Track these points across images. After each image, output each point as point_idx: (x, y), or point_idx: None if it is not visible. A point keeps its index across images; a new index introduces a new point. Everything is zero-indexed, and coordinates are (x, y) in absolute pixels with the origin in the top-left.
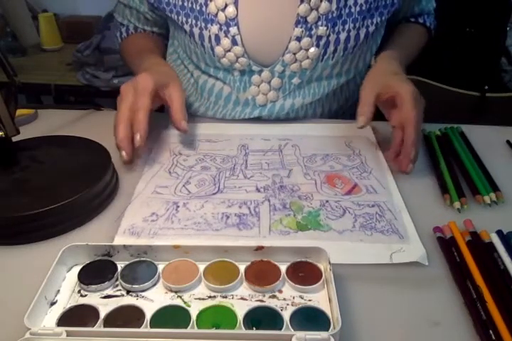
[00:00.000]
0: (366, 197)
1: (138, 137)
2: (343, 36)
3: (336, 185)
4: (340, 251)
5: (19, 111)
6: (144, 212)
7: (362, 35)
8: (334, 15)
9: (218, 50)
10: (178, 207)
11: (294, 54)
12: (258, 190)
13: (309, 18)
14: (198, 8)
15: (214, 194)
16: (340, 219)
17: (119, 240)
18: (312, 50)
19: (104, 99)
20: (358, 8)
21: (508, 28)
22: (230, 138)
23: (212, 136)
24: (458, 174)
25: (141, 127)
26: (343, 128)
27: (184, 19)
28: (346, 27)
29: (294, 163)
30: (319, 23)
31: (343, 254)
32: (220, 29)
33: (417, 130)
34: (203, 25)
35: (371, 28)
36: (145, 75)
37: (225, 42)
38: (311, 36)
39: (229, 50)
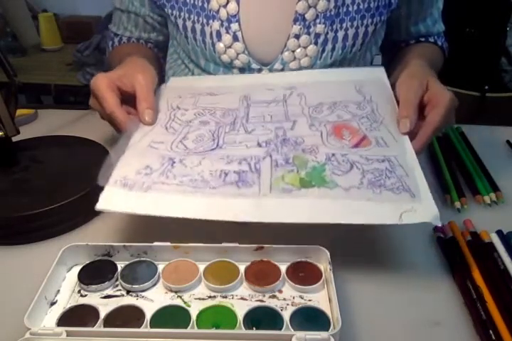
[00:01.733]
0: (376, 151)
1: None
2: (340, 34)
3: (344, 137)
4: (347, 211)
5: (19, 111)
6: (138, 164)
7: (361, 35)
8: (332, 13)
9: (219, 46)
10: (174, 162)
11: (293, 51)
12: (259, 145)
13: (307, 16)
14: (200, 4)
15: (212, 150)
16: (347, 175)
17: (109, 190)
18: (310, 47)
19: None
20: (355, 7)
21: (508, 28)
22: (232, 90)
23: (213, 89)
24: (458, 174)
25: (125, 126)
26: (353, 73)
27: (187, 15)
28: (344, 25)
29: (299, 114)
30: (317, 20)
31: (349, 214)
32: (222, 25)
33: (429, 136)
34: (205, 21)
35: (370, 28)
36: (95, 76)
37: (226, 38)
38: (309, 34)
39: (230, 46)
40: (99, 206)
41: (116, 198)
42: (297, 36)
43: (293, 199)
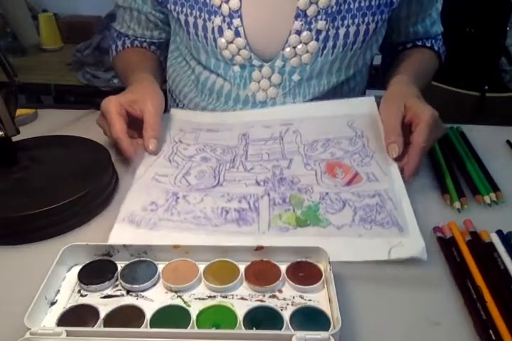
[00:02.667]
0: (367, 187)
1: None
2: (342, 31)
3: (337, 175)
4: (339, 248)
5: (19, 111)
6: (144, 200)
7: (362, 32)
8: (334, 10)
9: (220, 41)
10: (177, 198)
11: (294, 48)
12: (258, 184)
13: (309, 12)
14: None
15: (214, 187)
16: (340, 213)
17: (118, 227)
18: (312, 44)
19: (104, 99)
20: (356, 5)
21: (508, 28)
22: (231, 127)
23: (213, 125)
24: (458, 174)
25: (129, 154)
26: (345, 106)
27: (189, 11)
28: (345, 22)
29: (295, 152)
30: (319, 17)
31: (341, 251)
32: (224, 21)
33: (419, 158)
34: (207, 16)
35: (372, 26)
36: (107, 98)
37: (228, 33)
38: (310, 30)
39: (231, 42)
40: (110, 242)
41: (125, 235)
42: (298, 32)
43: (289, 237)
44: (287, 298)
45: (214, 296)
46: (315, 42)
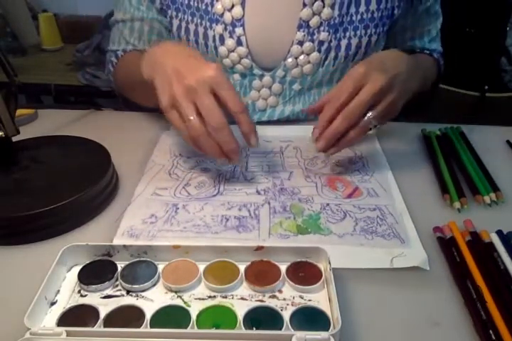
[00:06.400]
0: (367, 201)
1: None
2: (344, 43)
3: (337, 188)
4: (341, 255)
5: (19, 111)
6: (143, 214)
7: (364, 44)
8: (336, 21)
9: (222, 50)
10: (177, 208)
11: (296, 58)
12: (258, 193)
13: (311, 23)
14: (204, 7)
15: (214, 196)
16: (341, 223)
17: (117, 242)
18: (314, 54)
19: (104, 99)
20: (359, 17)
21: (508, 28)
22: None
23: None
24: (458, 174)
25: (233, 151)
26: None
27: (190, 18)
28: (347, 34)
29: (295, 166)
30: (321, 28)
31: (343, 258)
32: (225, 29)
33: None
34: (208, 24)
35: (373, 38)
36: (211, 65)
37: (230, 42)
38: (313, 41)
39: (233, 51)
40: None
41: None
42: (301, 43)
43: (290, 244)
44: (287, 298)
45: (214, 296)
46: (317, 53)
